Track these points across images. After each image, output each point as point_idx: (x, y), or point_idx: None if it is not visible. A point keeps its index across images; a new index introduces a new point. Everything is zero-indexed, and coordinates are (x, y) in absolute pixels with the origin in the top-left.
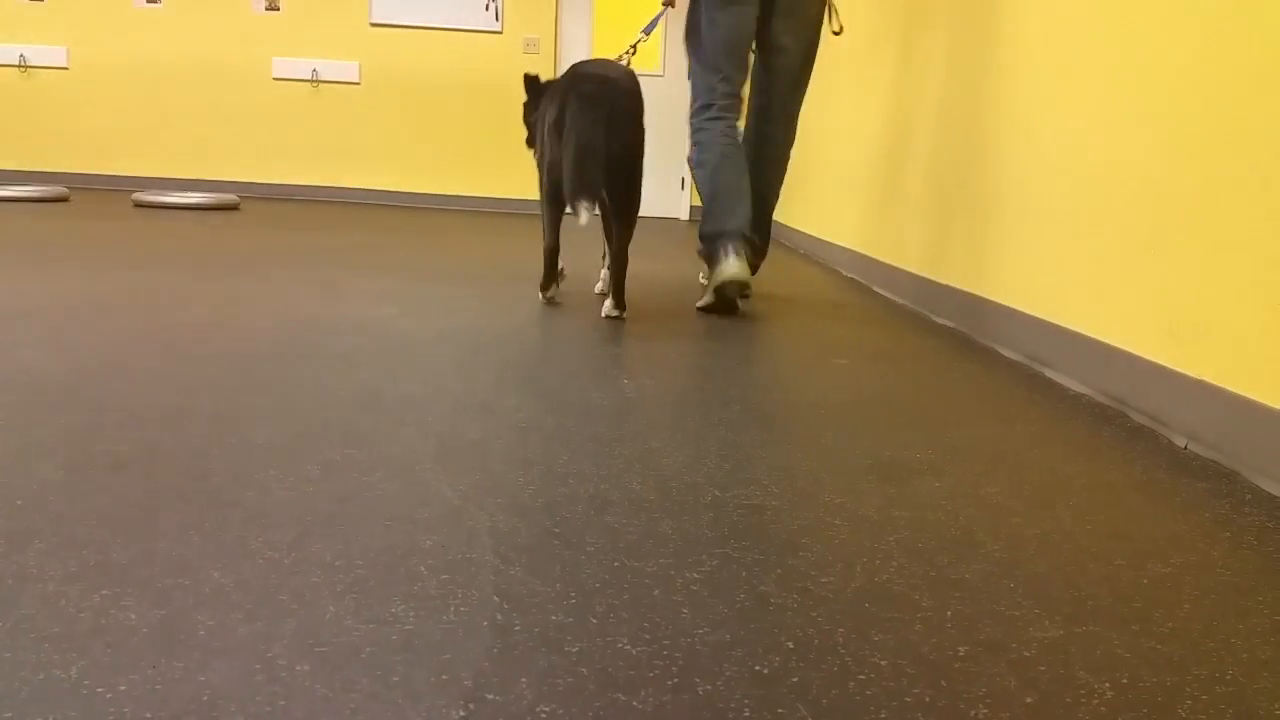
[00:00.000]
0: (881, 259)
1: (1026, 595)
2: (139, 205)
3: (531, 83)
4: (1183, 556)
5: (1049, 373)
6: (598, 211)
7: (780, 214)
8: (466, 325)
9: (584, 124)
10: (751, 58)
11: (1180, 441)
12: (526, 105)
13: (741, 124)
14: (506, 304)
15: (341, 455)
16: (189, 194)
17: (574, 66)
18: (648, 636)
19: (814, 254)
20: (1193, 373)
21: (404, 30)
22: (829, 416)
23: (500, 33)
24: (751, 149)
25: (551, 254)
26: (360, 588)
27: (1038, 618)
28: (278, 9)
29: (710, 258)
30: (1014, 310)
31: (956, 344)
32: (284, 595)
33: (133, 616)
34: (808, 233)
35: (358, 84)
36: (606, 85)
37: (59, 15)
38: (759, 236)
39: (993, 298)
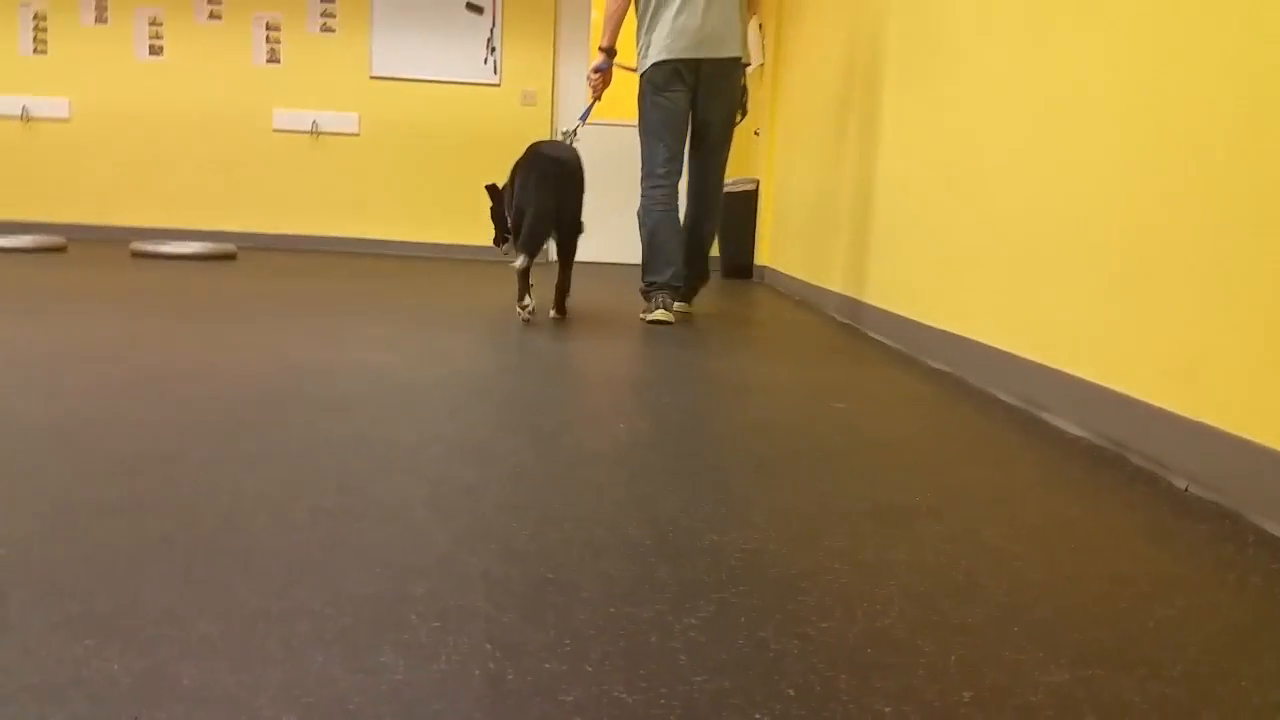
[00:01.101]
0: (873, 303)
1: (1030, 639)
2: (136, 255)
3: (493, 189)
4: (1187, 599)
5: (1046, 416)
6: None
7: (771, 260)
8: (461, 370)
9: (542, 195)
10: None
11: (1181, 484)
12: (492, 209)
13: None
14: (501, 349)
15: (333, 501)
16: (186, 243)
17: (533, 148)
18: (644, 684)
19: (807, 299)
20: (1191, 414)
21: (403, 83)
22: (826, 459)
23: (498, 85)
24: (692, 199)
25: (523, 274)
26: (349, 636)
27: (1043, 662)
28: (278, 61)
29: (646, 299)
30: (1009, 354)
31: (951, 387)
32: (271, 644)
33: (115, 667)
34: (799, 278)
35: (357, 135)
36: (559, 165)
37: (62, 68)
38: (698, 268)
39: (987, 341)
